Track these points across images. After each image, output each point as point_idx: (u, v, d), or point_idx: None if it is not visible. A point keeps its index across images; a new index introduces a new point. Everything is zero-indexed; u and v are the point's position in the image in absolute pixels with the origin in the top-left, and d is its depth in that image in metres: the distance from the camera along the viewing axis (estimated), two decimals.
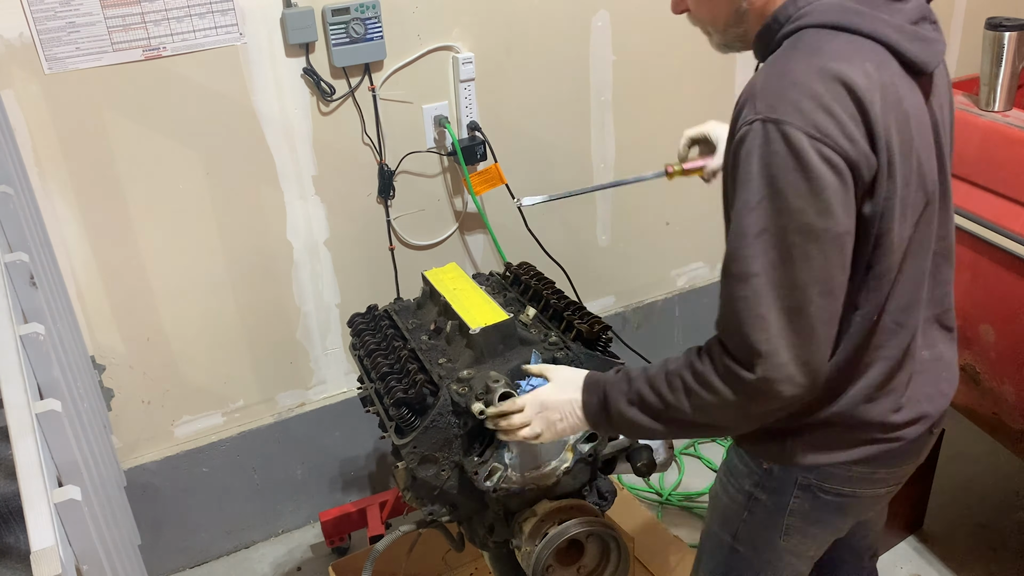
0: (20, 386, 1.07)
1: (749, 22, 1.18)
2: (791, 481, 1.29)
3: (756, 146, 1.04)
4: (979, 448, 2.66)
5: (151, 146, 2.02)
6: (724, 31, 1.22)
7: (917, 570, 2.33)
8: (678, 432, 1.22)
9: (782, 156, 1.02)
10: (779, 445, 1.26)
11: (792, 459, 1.26)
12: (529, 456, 1.49)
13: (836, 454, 1.24)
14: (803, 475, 1.27)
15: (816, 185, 1.02)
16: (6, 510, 1.12)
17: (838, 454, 1.24)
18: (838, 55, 1.05)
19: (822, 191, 1.02)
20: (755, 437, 1.28)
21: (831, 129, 1.02)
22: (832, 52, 1.06)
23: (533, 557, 1.46)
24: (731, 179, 1.10)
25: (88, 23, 1.86)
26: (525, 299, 1.77)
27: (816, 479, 1.27)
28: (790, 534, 1.34)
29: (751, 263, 1.05)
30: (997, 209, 1.81)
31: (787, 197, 1.02)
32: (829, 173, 1.02)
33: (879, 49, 1.08)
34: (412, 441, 1.44)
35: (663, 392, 1.18)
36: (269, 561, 2.50)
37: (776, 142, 1.02)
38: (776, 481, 1.30)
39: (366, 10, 2.07)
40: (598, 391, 1.26)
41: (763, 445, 1.28)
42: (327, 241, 2.31)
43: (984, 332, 1.90)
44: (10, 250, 1.47)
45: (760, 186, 1.04)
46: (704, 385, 1.13)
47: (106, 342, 2.15)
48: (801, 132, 1.01)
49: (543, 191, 2.53)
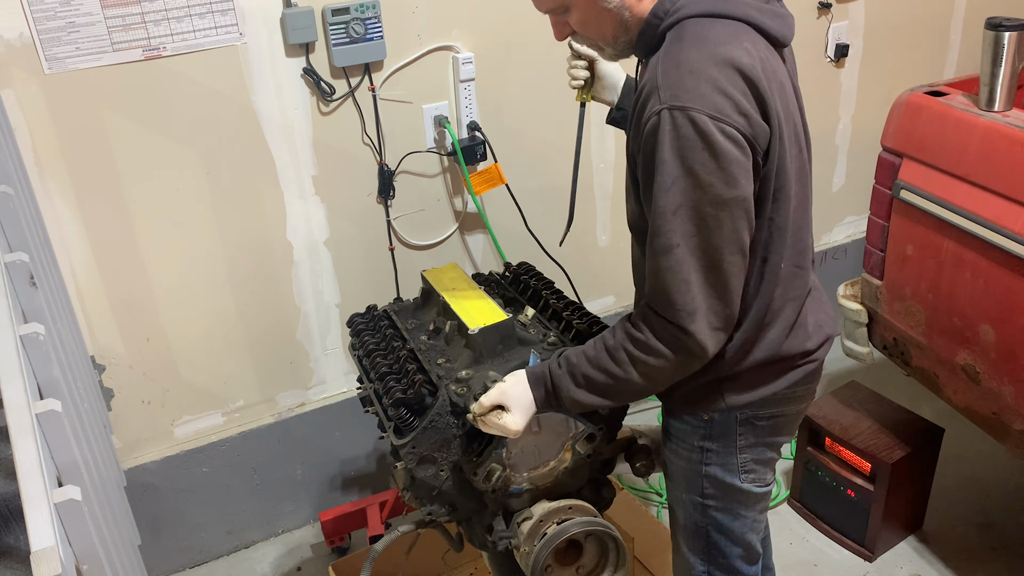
0: (20, 386, 1.08)
1: (632, 27, 1.29)
2: (732, 421, 1.43)
3: (666, 132, 1.16)
4: (979, 448, 2.66)
5: (151, 146, 2.02)
6: (615, 42, 1.32)
7: (917, 570, 2.33)
8: (623, 399, 1.39)
9: (690, 139, 1.15)
10: (717, 395, 1.40)
11: (731, 404, 1.41)
12: (528, 456, 1.49)
13: (768, 387, 1.41)
14: (741, 412, 1.42)
15: (722, 160, 1.16)
16: (6, 510, 1.12)
17: (769, 387, 1.41)
18: (721, 40, 1.20)
19: (728, 165, 1.16)
20: (691, 398, 1.42)
21: (729, 109, 1.16)
22: (715, 38, 1.20)
23: (532, 557, 1.46)
24: (642, 163, 1.22)
25: (88, 23, 1.86)
26: (525, 299, 1.77)
27: (752, 412, 1.43)
28: (747, 470, 1.48)
29: (671, 236, 1.20)
30: (997, 209, 1.81)
31: (698, 174, 1.16)
32: (732, 148, 1.16)
33: (749, 29, 1.24)
34: (411, 441, 1.44)
35: (610, 368, 1.31)
36: (269, 561, 2.50)
37: (684, 127, 1.15)
38: (720, 427, 1.44)
39: (366, 10, 2.07)
40: (544, 384, 1.38)
41: (702, 401, 1.42)
42: (327, 241, 2.31)
43: (984, 332, 1.90)
44: (10, 250, 1.47)
45: (673, 168, 1.17)
46: (647, 351, 1.28)
47: (106, 342, 2.16)
48: (704, 115, 1.15)
49: (543, 191, 2.54)
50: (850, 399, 2.45)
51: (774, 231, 1.31)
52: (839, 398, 2.47)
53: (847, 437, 2.31)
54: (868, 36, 2.87)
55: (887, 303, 2.18)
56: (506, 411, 1.37)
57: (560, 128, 2.49)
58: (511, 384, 1.39)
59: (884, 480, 2.23)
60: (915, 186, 2.01)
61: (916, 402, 2.68)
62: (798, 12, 2.71)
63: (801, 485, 2.51)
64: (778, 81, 1.25)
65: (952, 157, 1.91)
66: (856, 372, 3.06)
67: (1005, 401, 1.89)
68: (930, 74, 3.05)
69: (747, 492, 1.49)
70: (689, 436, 1.47)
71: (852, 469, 2.32)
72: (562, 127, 2.50)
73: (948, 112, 1.93)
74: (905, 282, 2.10)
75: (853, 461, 2.31)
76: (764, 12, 1.27)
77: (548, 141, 2.49)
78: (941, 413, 2.68)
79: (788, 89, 1.29)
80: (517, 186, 2.42)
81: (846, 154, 3.05)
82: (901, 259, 2.10)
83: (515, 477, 1.49)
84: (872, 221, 2.16)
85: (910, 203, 2.02)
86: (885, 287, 2.17)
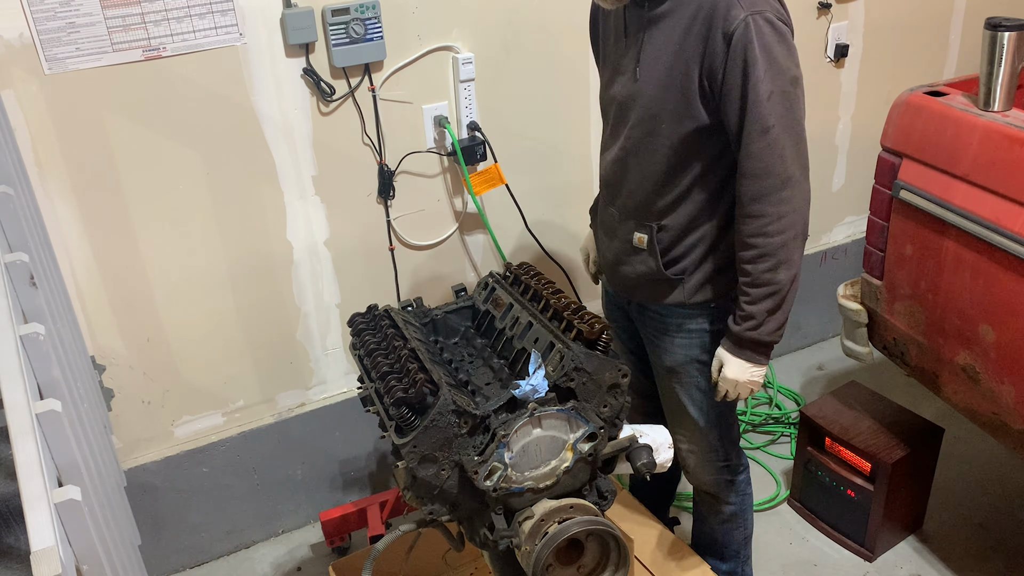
0: (20, 386, 1.08)
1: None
2: (728, 302, 1.73)
3: (752, 33, 1.47)
4: (979, 448, 2.66)
5: (151, 146, 2.02)
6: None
7: (917, 570, 2.33)
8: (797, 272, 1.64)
9: (771, 35, 1.48)
10: (724, 282, 1.72)
11: (729, 289, 1.73)
12: (529, 456, 1.49)
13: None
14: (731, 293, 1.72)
15: (791, 48, 1.52)
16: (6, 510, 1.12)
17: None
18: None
19: (793, 50, 1.53)
20: (706, 289, 1.72)
21: (781, 9, 1.53)
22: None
23: (533, 556, 1.46)
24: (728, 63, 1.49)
25: (88, 23, 1.86)
26: (525, 299, 1.77)
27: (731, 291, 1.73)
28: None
29: (767, 119, 1.49)
30: (997, 209, 1.81)
31: (780, 61, 1.49)
32: (791, 38, 1.52)
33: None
34: (412, 440, 1.44)
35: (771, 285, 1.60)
36: (269, 561, 2.50)
37: (765, 26, 1.48)
38: (720, 311, 1.75)
39: (366, 10, 2.08)
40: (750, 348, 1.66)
41: (713, 291, 1.73)
42: (327, 241, 2.31)
43: (984, 332, 1.90)
44: (10, 250, 1.47)
45: (762, 61, 1.47)
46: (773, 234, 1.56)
47: (106, 342, 2.15)
48: (773, 15, 1.49)
49: (543, 191, 2.54)
50: (850, 399, 2.46)
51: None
52: (839, 398, 2.47)
53: (847, 437, 2.31)
54: (868, 36, 2.87)
55: (887, 303, 2.18)
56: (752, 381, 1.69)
57: (560, 128, 2.49)
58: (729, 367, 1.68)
59: (884, 480, 2.23)
60: (915, 186, 2.01)
61: (916, 402, 2.68)
62: (798, 12, 2.71)
63: (801, 485, 2.51)
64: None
65: (952, 157, 1.91)
66: (856, 372, 3.06)
67: (1005, 401, 1.90)
68: (930, 74, 3.05)
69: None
70: (703, 324, 1.76)
71: (852, 469, 2.32)
72: (562, 127, 2.50)
73: (948, 112, 1.93)
74: (905, 282, 2.10)
75: (853, 461, 2.31)
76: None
77: (548, 141, 2.49)
78: (941, 413, 2.68)
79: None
80: (517, 186, 2.43)
81: (846, 154, 3.05)
82: (901, 259, 2.10)
83: (516, 476, 1.49)
84: (872, 221, 2.16)
85: (910, 203, 2.02)
86: (885, 287, 2.17)
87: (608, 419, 1.55)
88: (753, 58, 1.47)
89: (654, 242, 1.72)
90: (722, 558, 2.11)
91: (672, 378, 1.86)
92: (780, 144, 1.51)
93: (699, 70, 1.54)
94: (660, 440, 1.68)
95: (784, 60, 1.49)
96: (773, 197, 1.54)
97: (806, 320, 3.24)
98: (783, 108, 1.50)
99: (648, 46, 1.60)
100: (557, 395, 1.51)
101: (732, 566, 2.12)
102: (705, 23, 1.50)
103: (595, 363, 1.52)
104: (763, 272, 1.59)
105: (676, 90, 1.57)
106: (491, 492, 1.48)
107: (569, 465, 1.53)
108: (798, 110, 1.53)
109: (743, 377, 1.69)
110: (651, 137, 1.65)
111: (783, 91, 1.49)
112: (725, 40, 1.49)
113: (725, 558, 2.11)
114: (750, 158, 1.53)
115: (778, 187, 1.54)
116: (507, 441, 1.46)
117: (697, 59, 1.53)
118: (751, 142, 1.52)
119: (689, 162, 1.64)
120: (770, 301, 1.61)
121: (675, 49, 1.56)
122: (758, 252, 1.59)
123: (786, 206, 1.55)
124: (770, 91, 1.48)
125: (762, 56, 1.47)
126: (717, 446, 1.91)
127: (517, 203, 2.44)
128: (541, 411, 1.48)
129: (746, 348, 1.67)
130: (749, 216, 1.58)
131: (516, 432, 1.47)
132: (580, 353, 1.52)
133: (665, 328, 1.81)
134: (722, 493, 1.98)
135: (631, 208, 1.74)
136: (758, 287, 1.61)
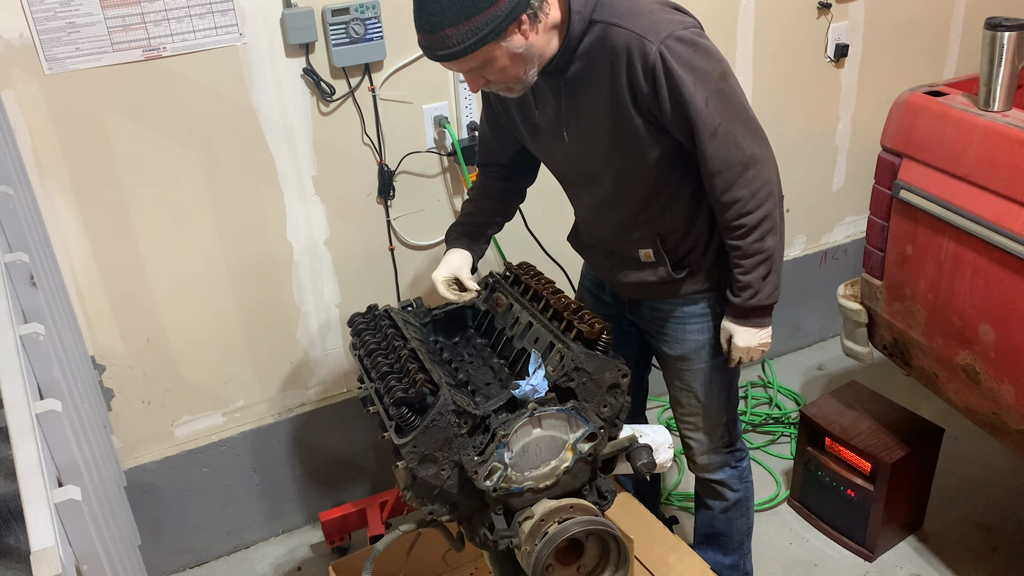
0: (20, 386, 1.08)
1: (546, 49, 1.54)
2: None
3: (670, 59, 1.50)
4: (979, 448, 2.66)
5: (151, 146, 2.02)
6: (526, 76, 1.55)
7: (917, 570, 2.33)
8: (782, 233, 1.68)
9: (684, 51, 1.51)
10: (724, 267, 1.74)
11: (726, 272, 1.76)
12: (529, 456, 1.49)
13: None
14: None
15: (706, 48, 1.54)
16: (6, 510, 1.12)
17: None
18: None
19: (709, 48, 1.55)
20: (714, 273, 1.77)
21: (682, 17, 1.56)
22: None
23: (533, 556, 1.46)
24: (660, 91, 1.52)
25: (88, 23, 1.86)
26: (525, 299, 1.77)
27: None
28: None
29: (712, 121, 1.54)
30: (997, 209, 1.81)
31: (702, 68, 1.52)
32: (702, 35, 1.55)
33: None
34: (412, 440, 1.44)
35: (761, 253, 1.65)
36: (269, 561, 2.50)
37: (676, 46, 1.50)
38: (722, 292, 1.77)
39: (366, 10, 2.08)
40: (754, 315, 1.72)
41: (717, 275, 1.77)
42: (327, 241, 2.31)
43: (984, 332, 1.90)
44: (10, 250, 1.47)
45: (688, 77, 1.51)
46: (753, 210, 1.60)
47: (106, 342, 2.15)
48: (679, 28, 1.52)
49: (543, 191, 2.53)
50: (850, 399, 2.45)
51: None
52: (839, 398, 2.47)
53: (847, 437, 2.31)
54: (868, 36, 2.87)
55: (887, 303, 2.18)
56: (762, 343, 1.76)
57: None
58: (739, 337, 1.74)
59: (884, 480, 2.23)
60: (915, 186, 2.01)
61: (916, 402, 2.68)
62: (798, 12, 2.72)
63: (801, 485, 2.51)
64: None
65: (951, 157, 1.91)
66: (856, 372, 3.06)
67: (1005, 401, 1.89)
68: (930, 74, 3.05)
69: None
70: (711, 307, 1.80)
71: (852, 469, 2.32)
72: None
73: (948, 112, 1.93)
74: (905, 282, 2.10)
75: (853, 461, 2.31)
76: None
77: None
78: (941, 413, 2.68)
79: None
80: None
81: (846, 154, 3.05)
82: (901, 259, 2.10)
83: (516, 476, 1.49)
84: (872, 221, 2.16)
85: (910, 203, 2.02)
86: (885, 287, 2.17)
87: (608, 419, 1.56)
88: (679, 79, 1.51)
89: (661, 252, 1.76)
90: (725, 551, 2.11)
91: (683, 365, 1.88)
92: (731, 135, 1.56)
93: (636, 108, 1.57)
94: (660, 440, 1.68)
95: (705, 64, 1.53)
96: (741, 180, 1.60)
97: (806, 320, 3.24)
98: (722, 105, 1.54)
99: (571, 108, 1.63)
100: (557, 395, 1.51)
101: (735, 559, 2.12)
102: (624, 67, 1.53)
103: (595, 363, 1.52)
104: (752, 243, 1.65)
105: (626, 136, 1.61)
106: (491, 492, 1.48)
107: (569, 465, 1.53)
108: (736, 97, 1.57)
109: (753, 342, 1.76)
110: (621, 180, 1.69)
111: (716, 90, 1.53)
112: (648, 76, 1.52)
113: (728, 551, 2.11)
114: (709, 160, 1.58)
115: (741, 171, 1.59)
116: (507, 441, 1.46)
117: (630, 100, 1.56)
118: (705, 147, 1.56)
119: (666, 176, 1.68)
120: (763, 267, 1.67)
121: (607, 101, 1.58)
122: (744, 230, 1.64)
123: (756, 183, 1.61)
124: (705, 97, 1.52)
125: (685, 73, 1.51)
126: (723, 431, 1.94)
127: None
128: (541, 411, 1.48)
129: (750, 316, 1.73)
130: (726, 204, 1.63)
131: (516, 432, 1.47)
132: (580, 353, 1.52)
133: (678, 319, 1.84)
134: (727, 479, 2.00)
135: (623, 233, 1.78)
136: (749, 257, 1.66)
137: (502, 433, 1.45)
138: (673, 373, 1.92)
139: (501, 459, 1.46)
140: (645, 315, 1.89)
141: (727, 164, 1.58)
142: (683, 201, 1.71)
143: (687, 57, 1.51)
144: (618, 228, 1.78)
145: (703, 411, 1.92)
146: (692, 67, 1.51)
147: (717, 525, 2.10)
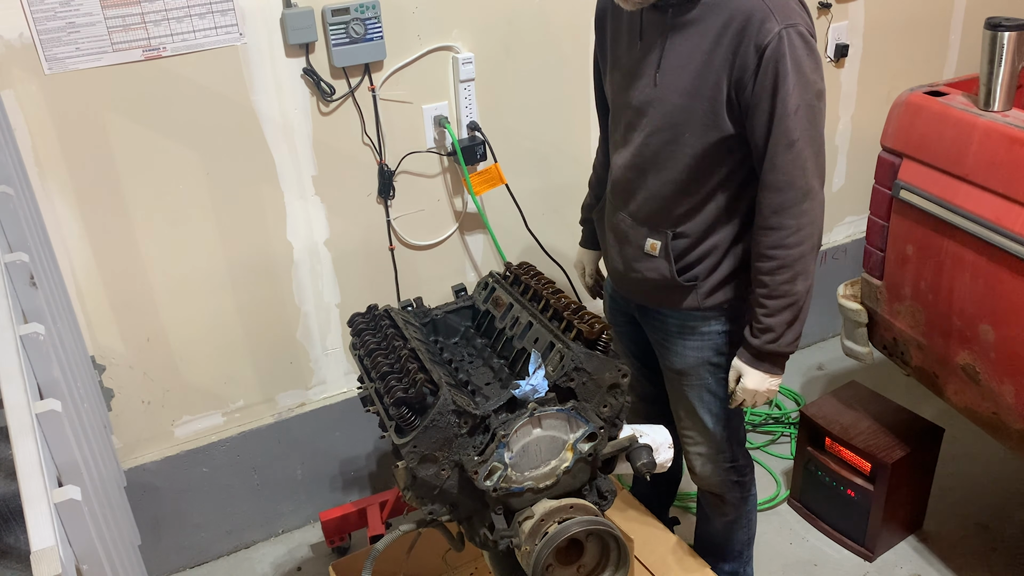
0: (20, 386, 1.08)
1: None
2: (739, 302, 1.75)
3: (785, 47, 1.47)
4: (979, 448, 2.66)
5: (151, 146, 2.02)
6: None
7: (917, 570, 2.33)
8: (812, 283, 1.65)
9: (801, 49, 1.49)
10: (736, 286, 1.73)
11: (740, 292, 1.74)
12: (529, 456, 1.49)
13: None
14: (742, 295, 1.74)
15: (818, 61, 1.53)
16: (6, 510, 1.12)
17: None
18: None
19: (820, 63, 1.54)
20: (719, 293, 1.73)
21: (810, 22, 1.54)
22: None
23: (533, 556, 1.46)
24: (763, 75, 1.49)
25: (88, 23, 1.86)
26: (525, 299, 1.77)
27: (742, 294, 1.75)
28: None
29: (793, 132, 1.51)
30: (997, 209, 1.81)
31: (807, 75, 1.50)
32: (818, 51, 1.53)
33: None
34: (412, 440, 1.44)
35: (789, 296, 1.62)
36: (269, 561, 2.50)
37: (796, 40, 1.48)
38: (732, 313, 1.77)
39: (366, 10, 2.08)
40: (769, 360, 1.68)
41: (725, 295, 1.74)
42: (327, 241, 2.31)
43: (984, 332, 1.90)
44: (10, 250, 1.47)
45: (793, 75, 1.48)
46: (792, 246, 1.58)
47: (106, 342, 2.15)
48: (804, 28, 1.50)
49: (543, 191, 2.54)
50: (850, 399, 2.45)
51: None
52: (839, 398, 2.47)
53: (847, 437, 2.31)
54: (868, 36, 2.87)
55: (887, 303, 2.18)
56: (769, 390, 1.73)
57: (560, 128, 2.49)
58: (748, 379, 1.70)
59: (884, 480, 2.23)
60: (915, 186, 2.01)
61: (916, 402, 2.68)
62: None
63: (801, 485, 2.51)
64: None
65: (952, 157, 1.91)
66: (856, 372, 3.06)
67: (1005, 401, 1.89)
68: (930, 74, 3.05)
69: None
70: (719, 327, 1.77)
71: (852, 469, 2.32)
72: (562, 127, 2.50)
73: (948, 112, 1.93)
74: (905, 282, 2.10)
75: (853, 461, 2.31)
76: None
77: (548, 141, 2.49)
78: (941, 413, 2.68)
79: None
80: (517, 186, 2.43)
81: (846, 154, 3.05)
82: (901, 259, 2.10)
83: (516, 476, 1.49)
84: (872, 221, 2.16)
85: (910, 203, 2.02)
86: (885, 287, 2.17)
87: (608, 419, 1.55)
88: (784, 71, 1.48)
89: (668, 248, 1.71)
90: (724, 558, 2.11)
91: (682, 380, 1.86)
92: (803, 157, 1.53)
93: (728, 80, 1.53)
94: (660, 440, 1.68)
95: (812, 74, 1.51)
96: (794, 210, 1.56)
97: (806, 320, 3.23)
98: (807, 122, 1.51)
99: (671, 53, 1.58)
100: (557, 395, 1.51)
101: (734, 566, 2.12)
102: (737, 34, 1.50)
103: (595, 363, 1.52)
104: (781, 284, 1.60)
105: (703, 99, 1.56)
106: (491, 492, 1.48)
107: (569, 465, 1.53)
108: (820, 123, 1.55)
109: (762, 387, 1.71)
110: (672, 145, 1.63)
111: (809, 104, 1.51)
112: (757, 52, 1.49)
113: (727, 558, 2.11)
114: (774, 171, 1.54)
115: (799, 200, 1.55)
116: (507, 441, 1.46)
117: (727, 69, 1.52)
118: (776, 155, 1.53)
119: (710, 171, 1.63)
120: (788, 313, 1.63)
121: (704, 58, 1.54)
122: (777, 264, 1.59)
123: (805, 218, 1.57)
124: (797, 105, 1.49)
125: (793, 70, 1.48)
126: (725, 447, 1.92)
127: (517, 203, 2.44)
128: (541, 411, 1.48)
129: (765, 360, 1.69)
130: (769, 228, 1.59)
131: (516, 432, 1.47)
132: (580, 353, 1.52)
133: (676, 331, 1.82)
134: (728, 494, 1.98)
135: (645, 215, 1.73)
136: (776, 299, 1.62)
137: (502, 433, 1.45)
138: (674, 386, 1.91)
139: (501, 459, 1.46)
140: (651, 324, 1.88)
141: (788, 184, 1.55)
142: (708, 211, 1.67)
143: (800, 55, 1.48)
144: (639, 206, 1.73)
145: (701, 427, 1.90)
146: (800, 68, 1.48)
147: (716, 537, 2.10)
